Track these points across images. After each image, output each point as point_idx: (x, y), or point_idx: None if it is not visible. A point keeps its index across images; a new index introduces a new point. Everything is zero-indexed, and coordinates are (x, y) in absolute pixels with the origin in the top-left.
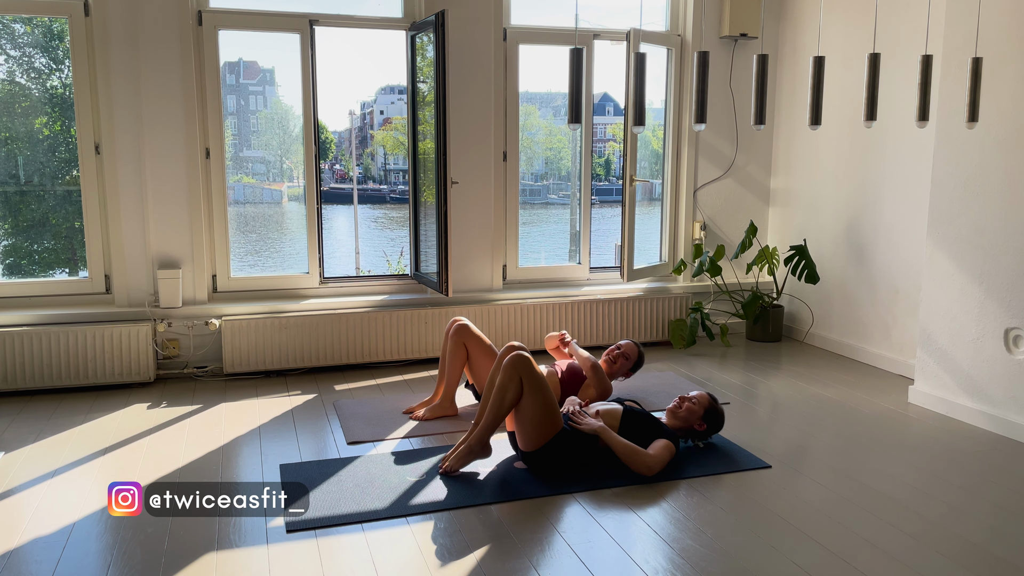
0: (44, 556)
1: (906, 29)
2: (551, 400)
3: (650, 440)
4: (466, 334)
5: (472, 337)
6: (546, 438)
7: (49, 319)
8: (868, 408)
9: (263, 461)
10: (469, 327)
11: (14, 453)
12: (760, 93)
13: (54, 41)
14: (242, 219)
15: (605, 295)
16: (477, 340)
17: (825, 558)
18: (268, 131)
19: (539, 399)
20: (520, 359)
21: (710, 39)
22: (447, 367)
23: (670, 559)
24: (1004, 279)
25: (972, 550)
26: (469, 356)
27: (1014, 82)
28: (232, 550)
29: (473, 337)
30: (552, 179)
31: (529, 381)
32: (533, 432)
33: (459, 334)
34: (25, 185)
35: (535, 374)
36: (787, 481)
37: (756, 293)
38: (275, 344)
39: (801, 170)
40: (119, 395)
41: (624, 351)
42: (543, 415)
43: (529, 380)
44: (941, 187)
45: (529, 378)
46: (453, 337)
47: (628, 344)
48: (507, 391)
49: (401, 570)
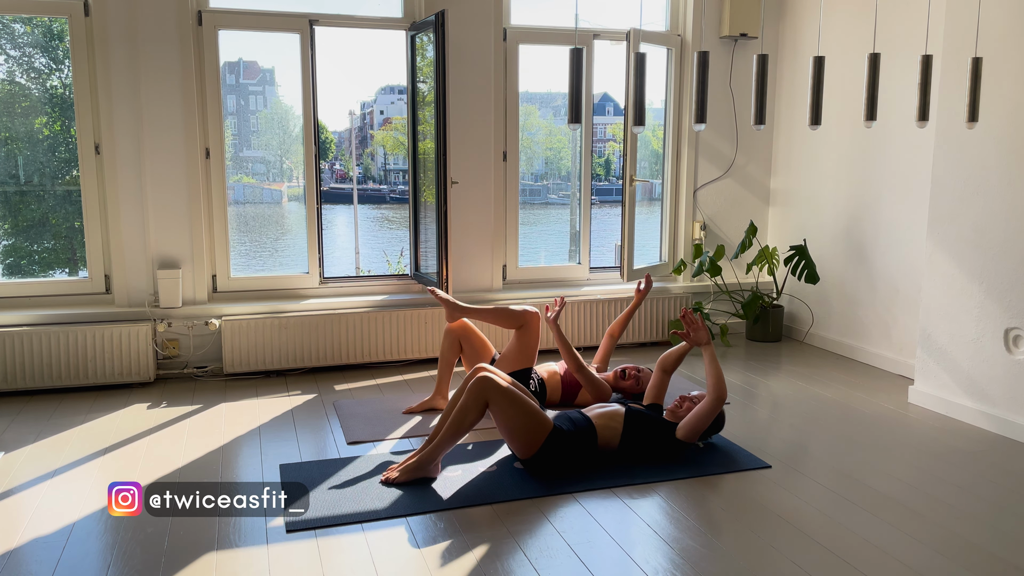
0: (44, 556)
1: (906, 29)
2: (530, 406)
3: (654, 441)
4: (463, 332)
5: (468, 334)
6: (539, 442)
7: (49, 319)
8: (868, 408)
9: (263, 461)
10: (468, 325)
11: (14, 453)
12: (760, 93)
13: (54, 41)
14: (242, 219)
15: (605, 295)
16: (473, 336)
17: (825, 558)
18: (268, 131)
19: (518, 410)
20: (484, 382)
21: (710, 39)
22: (441, 363)
23: (670, 559)
24: (1004, 279)
25: (972, 550)
26: (463, 352)
27: (1014, 82)
28: (232, 550)
29: (469, 334)
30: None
31: (497, 400)
32: (524, 440)
33: (454, 331)
34: (25, 185)
35: (502, 390)
36: (787, 481)
37: (756, 293)
38: (275, 344)
39: (801, 170)
40: (119, 395)
41: (643, 375)
42: (528, 422)
43: (497, 399)
44: (941, 187)
45: (498, 397)
46: (448, 334)
47: (648, 372)
48: (468, 413)
49: (401, 570)
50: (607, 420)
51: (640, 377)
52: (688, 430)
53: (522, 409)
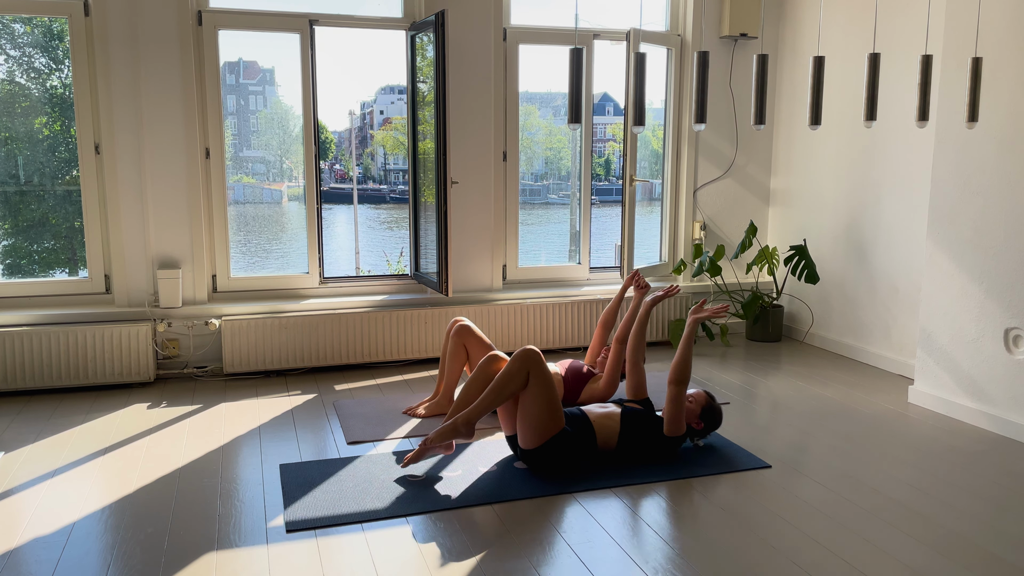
0: (44, 556)
1: (906, 29)
2: (555, 399)
3: (651, 440)
4: (467, 335)
5: (473, 338)
6: (547, 436)
7: (49, 319)
8: (868, 408)
9: (263, 461)
10: (471, 328)
11: (14, 453)
12: (760, 93)
13: (54, 41)
14: (242, 219)
15: (605, 295)
16: (478, 341)
17: (825, 558)
18: (268, 131)
19: (544, 396)
20: (532, 354)
21: (710, 39)
22: (447, 366)
23: (670, 559)
24: (1004, 279)
25: (972, 550)
26: (469, 357)
27: (1014, 82)
28: (232, 550)
29: (474, 338)
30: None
31: (538, 377)
32: (535, 429)
33: (460, 335)
34: (25, 185)
35: (545, 371)
36: (787, 481)
37: (756, 293)
38: (275, 344)
39: (801, 170)
40: (119, 395)
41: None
42: (546, 413)
43: (538, 376)
44: (941, 187)
45: (539, 374)
46: (454, 338)
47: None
48: (512, 380)
49: (401, 570)
50: (605, 420)
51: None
52: (668, 422)
53: (550, 396)
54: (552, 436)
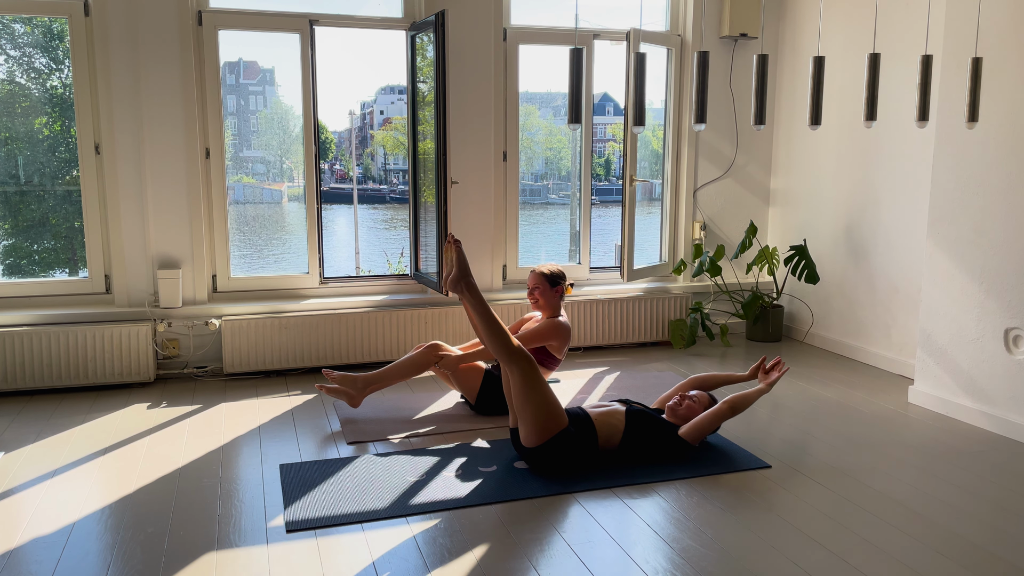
0: (44, 556)
1: (906, 29)
2: (552, 398)
3: (656, 440)
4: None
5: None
6: (548, 434)
7: (49, 319)
8: (868, 408)
9: (263, 461)
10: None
11: (14, 453)
12: (760, 93)
13: (54, 41)
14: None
15: (605, 295)
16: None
17: (825, 558)
18: (268, 131)
19: (540, 395)
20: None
21: (710, 39)
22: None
23: (670, 559)
24: (1004, 279)
25: (972, 550)
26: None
27: (1014, 82)
28: (232, 550)
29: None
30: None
31: (532, 375)
32: (536, 426)
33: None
34: (25, 185)
35: (538, 373)
36: (787, 481)
37: (756, 293)
38: (275, 344)
39: (801, 170)
40: (119, 395)
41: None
42: (545, 411)
43: (533, 374)
44: (941, 187)
45: (532, 372)
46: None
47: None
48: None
49: (401, 570)
50: (608, 418)
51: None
52: (695, 431)
53: (544, 396)
54: (553, 435)
